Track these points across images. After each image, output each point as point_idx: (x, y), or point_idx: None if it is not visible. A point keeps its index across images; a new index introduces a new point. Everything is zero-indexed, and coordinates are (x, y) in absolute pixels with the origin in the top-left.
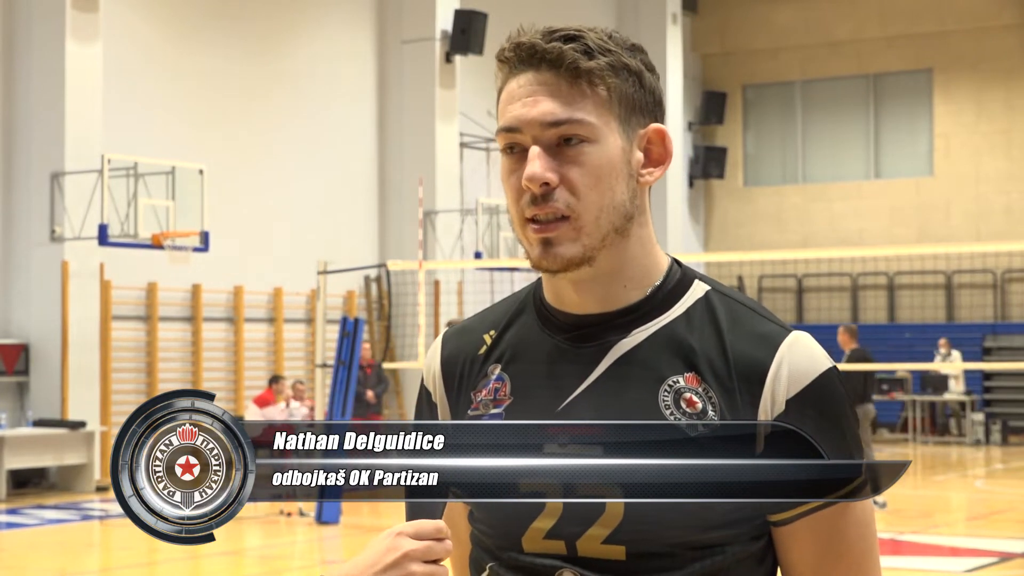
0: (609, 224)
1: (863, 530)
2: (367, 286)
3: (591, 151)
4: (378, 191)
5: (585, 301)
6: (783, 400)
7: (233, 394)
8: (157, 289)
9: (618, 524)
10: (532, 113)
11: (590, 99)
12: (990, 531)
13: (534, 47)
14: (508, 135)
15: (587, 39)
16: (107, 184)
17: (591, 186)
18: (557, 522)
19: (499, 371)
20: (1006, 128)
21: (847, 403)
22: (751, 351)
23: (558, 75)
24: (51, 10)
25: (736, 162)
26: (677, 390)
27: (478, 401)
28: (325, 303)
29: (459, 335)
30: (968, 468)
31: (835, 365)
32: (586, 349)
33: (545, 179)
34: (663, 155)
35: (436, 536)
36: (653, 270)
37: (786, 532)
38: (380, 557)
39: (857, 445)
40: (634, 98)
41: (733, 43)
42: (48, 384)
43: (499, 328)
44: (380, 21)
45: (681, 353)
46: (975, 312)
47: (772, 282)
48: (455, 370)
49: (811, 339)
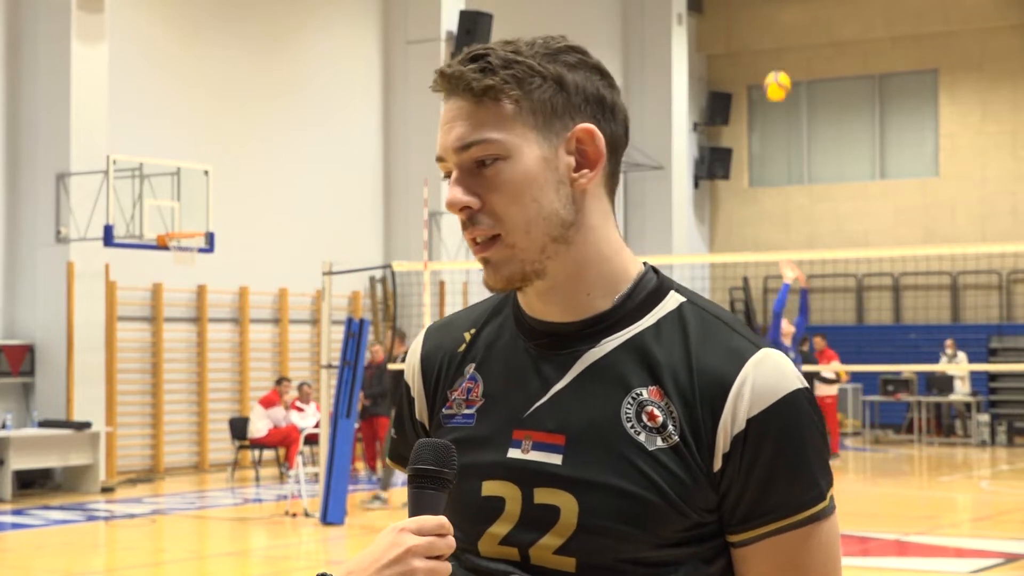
0: (544, 235)
1: (827, 554)
2: (372, 287)
3: (505, 168)
4: (383, 192)
5: (550, 310)
6: (744, 418)
7: (238, 395)
8: (162, 290)
9: (571, 535)
10: (448, 140)
11: (496, 116)
12: (995, 532)
13: (442, 74)
14: (439, 163)
15: (491, 55)
16: (112, 185)
17: (511, 202)
18: (513, 528)
19: (473, 370)
20: (1012, 128)
21: (815, 426)
22: (717, 365)
23: (464, 97)
24: (57, 11)
25: (741, 163)
26: (640, 403)
27: (452, 400)
28: (330, 304)
29: (441, 331)
30: (974, 469)
31: (806, 387)
32: (556, 357)
33: (463, 203)
34: (597, 154)
35: (439, 532)
36: (619, 277)
37: (746, 554)
38: (383, 553)
39: (823, 470)
40: (552, 103)
41: (738, 43)
42: (53, 385)
43: (478, 326)
44: (385, 22)
45: (647, 365)
46: (980, 313)
47: (777, 283)
48: (434, 366)
49: (783, 357)
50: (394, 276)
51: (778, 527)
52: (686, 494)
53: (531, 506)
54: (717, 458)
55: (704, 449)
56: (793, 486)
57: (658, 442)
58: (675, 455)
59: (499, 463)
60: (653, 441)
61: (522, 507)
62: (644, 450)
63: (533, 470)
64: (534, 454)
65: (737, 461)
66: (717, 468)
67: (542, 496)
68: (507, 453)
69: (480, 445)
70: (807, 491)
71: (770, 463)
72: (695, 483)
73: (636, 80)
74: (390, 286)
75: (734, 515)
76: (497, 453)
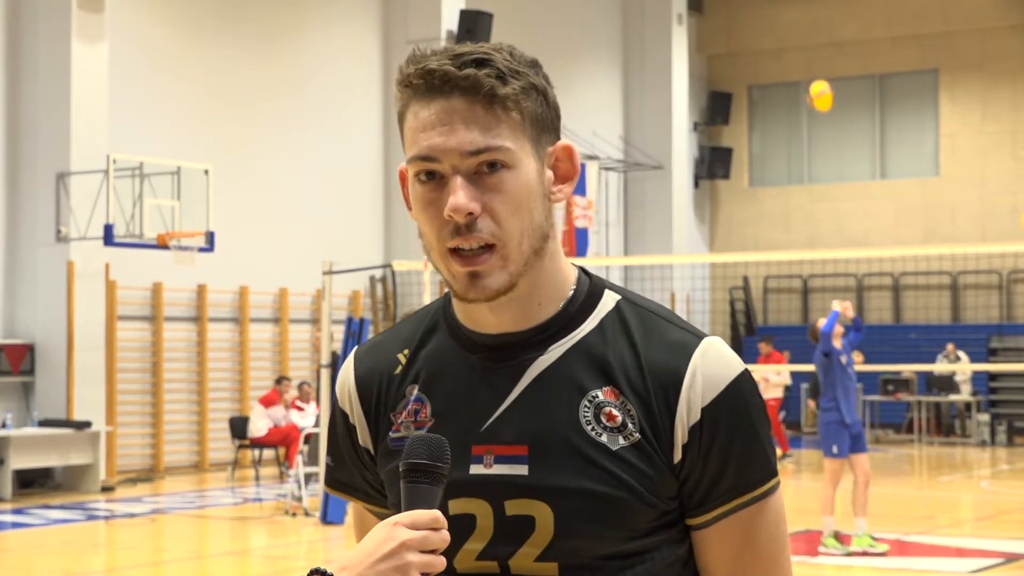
0: (530, 247)
1: (775, 528)
2: (372, 286)
3: (510, 177)
4: (383, 191)
5: (502, 321)
6: (699, 408)
7: (238, 394)
8: (162, 289)
9: (549, 542)
10: (451, 142)
11: (506, 124)
12: (996, 532)
13: (447, 74)
14: (423, 163)
15: (497, 62)
16: (112, 184)
17: (512, 212)
18: (488, 543)
19: (417, 391)
20: (1012, 128)
21: (759, 406)
22: (665, 360)
23: (473, 102)
24: (57, 11)
25: (742, 162)
26: (597, 404)
27: (399, 423)
28: (330, 303)
29: (371, 353)
30: (973, 469)
31: (746, 369)
32: (504, 368)
33: (469, 209)
34: (571, 171)
35: (433, 526)
36: (564, 284)
37: (704, 535)
38: (377, 547)
39: (770, 446)
40: (542, 117)
41: (739, 43)
42: (54, 384)
43: (412, 346)
44: (385, 21)
45: (598, 367)
46: (980, 313)
47: (777, 282)
48: (371, 389)
49: (722, 344)
50: (394, 276)
51: (734, 505)
52: (652, 487)
53: (504, 519)
54: (677, 449)
55: (664, 442)
56: (748, 466)
57: (620, 441)
58: (638, 452)
59: (463, 481)
60: (615, 441)
61: (495, 521)
62: (608, 451)
63: (501, 483)
64: (498, 467)
65: (695, 450)
66: (677, 459)
67: (514, 508)
68: (469, 470)
69: None
70: (761, 468)
71: (725, 447)
72: (659, 476)
73: (636, 80)
74: (390, 286)
75: (692, 499)
76: (458, 471)
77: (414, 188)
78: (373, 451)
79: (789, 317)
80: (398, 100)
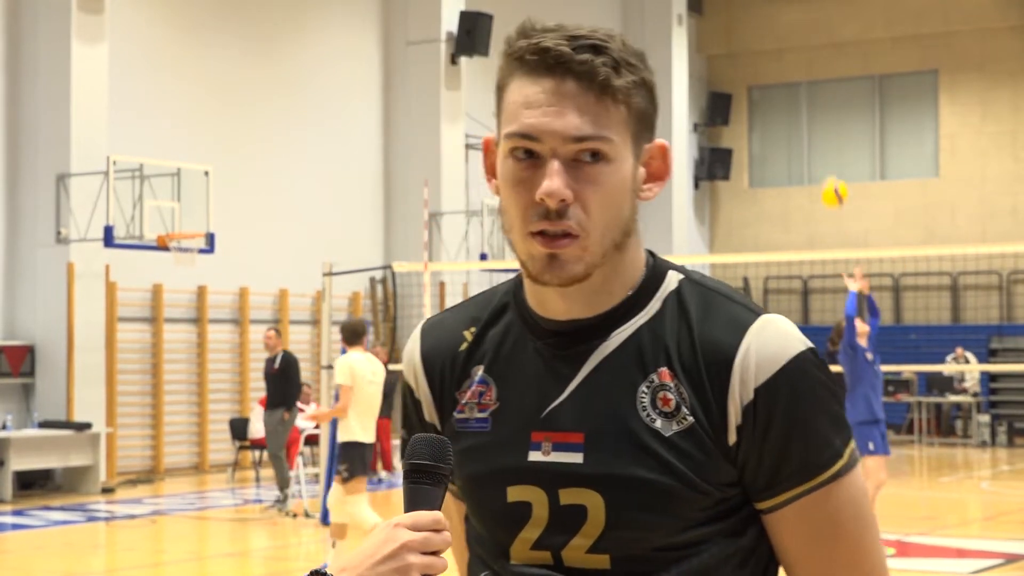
0: (611, 241)
1: (856, 509)
2: (372, 288)
3: (608, 171)
4: (384, 193)
5: (571, 308)
6: (751, 388)
7: (238, 395)
8: (163, 290)
9: (601, 532)
10: (556, 125)
11: (614, 116)
12: (996, 533)
13: (562, 56)
14: (523, 141)
15: (613, 52)
16: (112, 186)
17: (604, 206)
18: (543, 533)
19: (482, 372)
20: (1012, 129)
21: (825, 385)
22: (718, 338)
23: (585, 88)
24: (57, 11)
25: (741, 163)
26: (654, 389)
27: (463, 404)
28: (331, 304)
29: (436, 328)
30: (974, 470)
31: (811, 347)
32: (567, 355)
33: (563, 195)
34: (663, 171)
35: (434, 528)
36: (635, 272)
37: (776, 519)
38: (378, 548)
39: (837, 428)
40: (646, 114)
41: (738, 44)
42: (54, 385)
43: (479, 325)
44: (385, 23)
45: (656, 350)
46: (980, 313)
47: (777, 283)
48: (436, 365)
49: (784, 322)
50: (394, 277)
51: (800, 491)
52: (705, 473)
53: (558, 508)
54: (731, 432)
55: (717, 425)
56: (809, 449)
57: (673, 426)
58: (691, 436)
59: (521, 467)
60: (669, 426)
61: (549, 510)
62: (662, 436)
63: (556, 471)
64: (555, 455)
65: (750, 431)
66: (732, 442)
67: (567, 497)
68: (528, 456)
69: (499, 450)
70: (822, 452)
71: (782, 429)
72: (712, 461)
73: None
74: (390, 287)
75: (755, 484)
76: (517, 457)
77: (506, 164)
78: (440, 428)
79: (789, 318)
80: (501, 70)
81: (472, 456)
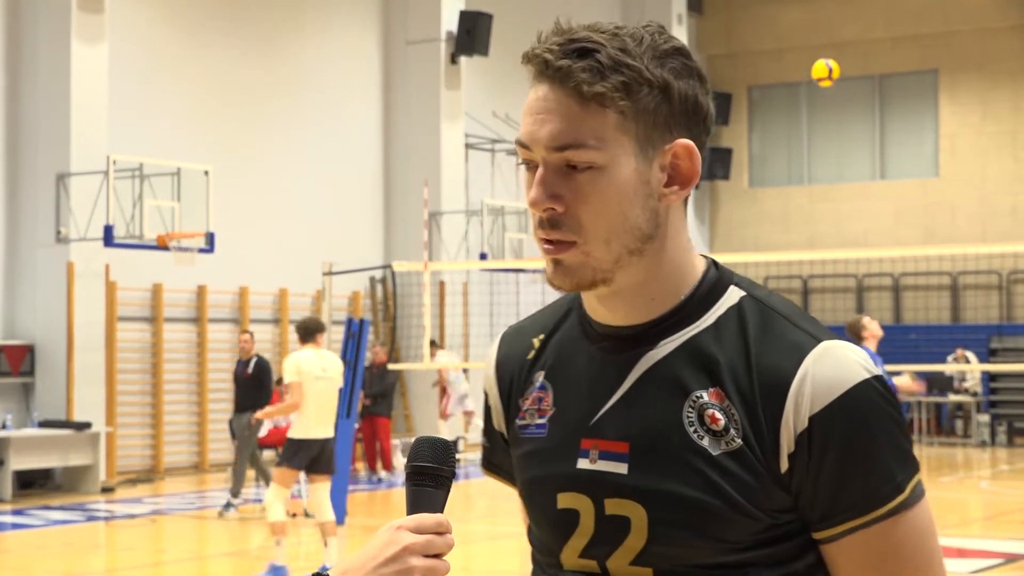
0: (622, 247)
1: (921, 542)
2: (372, 287)
3: (598, 178)
4: (383, 192)
5: (614, 314)
6: (806, 416)
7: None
8: (162, 290)
9: (643, 546)
10: (540, 133)
11: (603, 122)
12: (996, 532)
13: (545, 62)
14: (521, 149)
15: (601, 54)
16: (112, 185)
17: (598, 214)
18: (590, 541)
19: (543, 379)
20: (1012, 129)
21: (886, 416)
22: (776, 363)
23: (567, 94)
24: (57, 11)
25: (741, 163)
26: (701, 406)
27: (524, 410)
28: (331, 304)
29: (513, 337)
30: (974, 469)
31: (874, 376)
32: (617, 361)
33: (546, 206)
34: (691, 171)
35: (437, 530)
36: (686, 279)
37: (835, 549)
38: (380, 550)
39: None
40: (656, 113)
41: (738, 44)
42: (54, 385)
43: (547, 332)
44: (385, 22)
45: (706, 366)
46: (980, 313)
47: (777, 283)
48: (506, 373)
49: (848, 349)
50: (394, 276)
51: (857, 524)
52: (753, 497)
53: (603, 518)
54: (783, 458)
55: (768, 450)
56: (867, 482)
57: (722, 446)
58: (739, 459)
59: (570, 474)
60: (717, 446)
61: (595, 519)
62: (708, 456)
63: (602, 480)
64: (601, 463)
65: (804, 460)
66: (784, 469)
67: (612, 507)
68: (576, 464)
69: (552, 456)
70: (883, 486)
71: (839, 460)
72: (762, 486)
73: None
74: (390, 286)
75: (812, 514)
76: (567, 464)
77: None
78: (505, 435)
79: None
80: None
81: (530, 461)
